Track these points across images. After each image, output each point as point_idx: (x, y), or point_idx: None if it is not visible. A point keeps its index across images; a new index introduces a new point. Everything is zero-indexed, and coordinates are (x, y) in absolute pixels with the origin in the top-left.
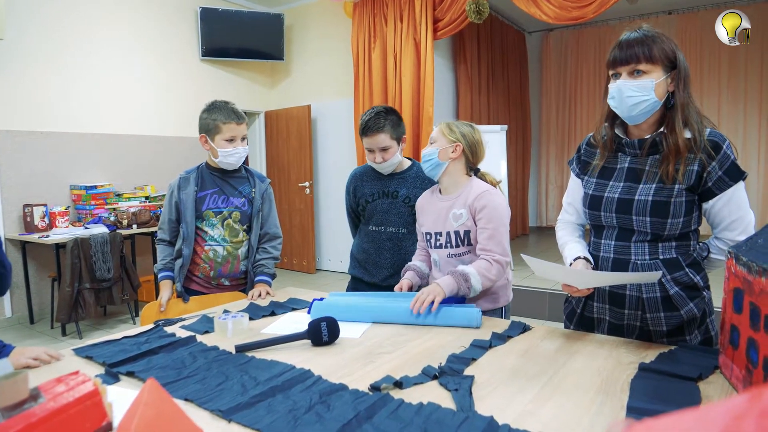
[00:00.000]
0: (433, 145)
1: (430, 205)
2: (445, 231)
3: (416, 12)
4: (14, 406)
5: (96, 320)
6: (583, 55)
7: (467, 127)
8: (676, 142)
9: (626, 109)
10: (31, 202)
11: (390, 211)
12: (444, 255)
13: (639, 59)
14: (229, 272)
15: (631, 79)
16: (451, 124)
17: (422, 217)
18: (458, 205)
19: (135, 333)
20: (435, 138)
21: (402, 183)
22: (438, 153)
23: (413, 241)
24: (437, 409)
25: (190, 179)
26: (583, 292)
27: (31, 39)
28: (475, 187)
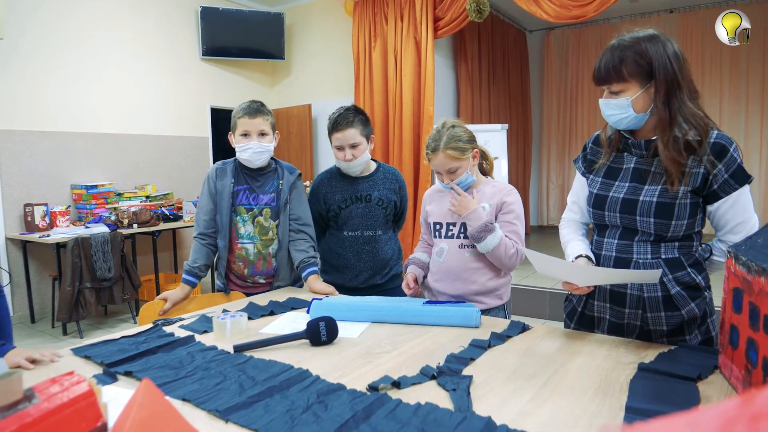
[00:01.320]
0: (459, 171)
1: (441, 197)
2: (460, 222)
3: (417, 11)
4: (8, 406)
5: (97, 319)
6: (584, 54)
7: (460, 129)
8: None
9: (612, 124)
10: (32, 202)
11: (366, 215)
12: (455, 245)
13: (609, 81)
14: (262, 270)
15: (609, 97)
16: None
17: (430, 207)
18: (479, 198)
19: (133, 333)
20: (456, 166)
21: (373, 186)
22: (467, 174)
23: (387, 241)
24: (435, 409)
25: (227, 170)
26: (584, 290)
27: (31, 38)
28: (499, 184)
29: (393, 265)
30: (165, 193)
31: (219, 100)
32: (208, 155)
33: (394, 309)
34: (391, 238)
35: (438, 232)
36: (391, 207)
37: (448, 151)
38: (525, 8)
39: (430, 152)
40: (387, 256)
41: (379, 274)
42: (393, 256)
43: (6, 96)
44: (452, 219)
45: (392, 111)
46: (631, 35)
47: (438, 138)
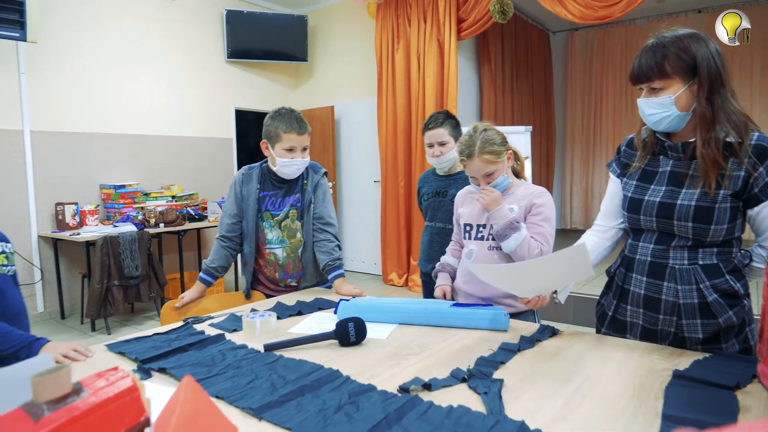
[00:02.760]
0: (495, 174)
1: (472, 199)
2: (489, 224)
3: (440, 12)
4: (58, 399)
5: (124, 316)
6: (609, 55)
7: (492, 132)
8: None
9: (651, 124)
10: (63, 201)
11: (439, 208)
12: (484, 247)
13: (651, 78)
14: (292, 273)
15: (650, 96)
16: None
17: (462, 208)
18: (509, 201)
19: (165, 330)
20: (492, 170)
21: (453, 183)
22: (504, 177)
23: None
24: (467, 412)
25: (253, 176)
26: (534, 302)
27: (63, 42)
28: (531, 187)
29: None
30: (190, 194)
31: (243, 102)
32: (232, 156)
33: (422, 311)
34: None
35: (468, 233)
36: None
37: (484, 156)
38: (549, 9)
39: (465, 158)
40: None
41: None
42: None
43: (39, 98)
44: (483, 221)
45: (415, 113)
46: (671, 33)
47: (472, 144)
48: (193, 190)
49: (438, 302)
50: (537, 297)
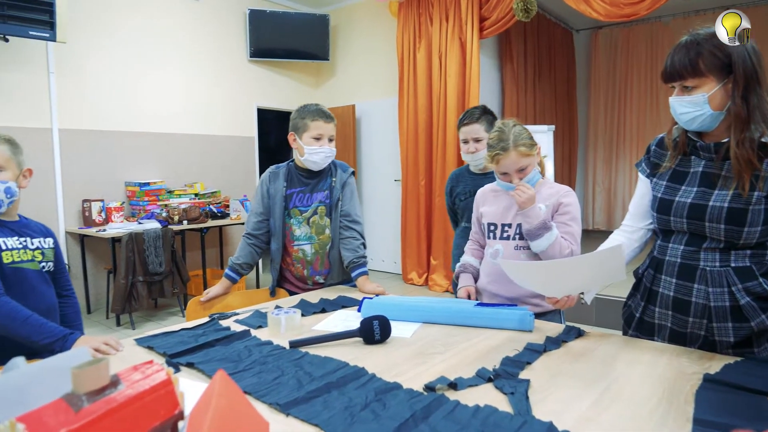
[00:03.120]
0: (528, 169)
1: (495, 198)
2: (515, 223)
3: (462, 11)
4: (97, 391)
5: (148, 312)
6: (633, 54)
7: (521, 128)
8: (742, 157)
9: (684, 123)
10: (90, 198)
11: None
12: (511, 247)
13: (684, 76)
14: (320, 269)
15: (682, 94)
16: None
17: (484, 207)
18: (537, 200)
19: (192, 325)
20: (526, 163)
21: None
22: (535, 171)
23: None
24: (494, 412)
25: (280, 174)
26: (562, 302)
27: (90, 43)
28: (556, 185)
29: None
30: (213, 191)
31: (265, 101)
32: (254, 155)
33: (446, 310)
34: None
35: (492, 233)
36: None
37: (519, 148)
38: (574, 7)
39: (501, 152)
40: None
41: None
42: None
43: (66, 97)
44: (507, 220)
45: (436, 112)
46: (705, 30)
47: (504, 138)
48: (216, 188)
49: (462, 302)
50: (566, 297)
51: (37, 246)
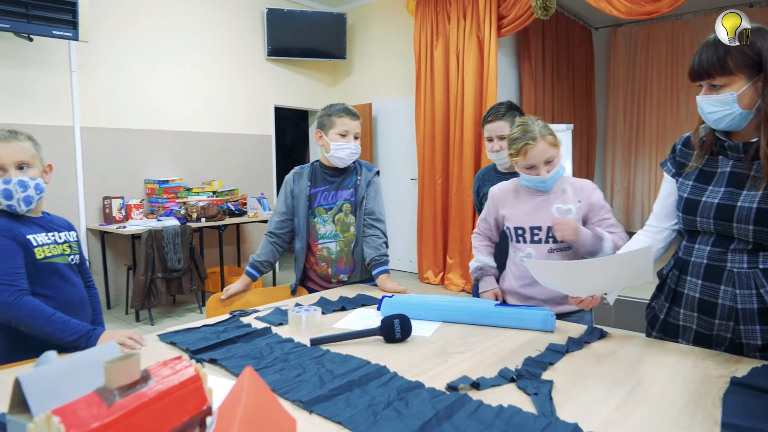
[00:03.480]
0: (556, 161)
1: (516, 198)
2: (546, 225)
3: (480, 9)
4: (128, 386)
5: (166, 308)
6: (653, 52)
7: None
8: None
9: (711, 123)
10: (110, 195)
11: None
12: (544, 250)
13: (712, 74)
14: (345, 268)
15: (710, 93)
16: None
17: (506, 210)
18: (562, 200)
19: (214, 322)
20: (554, 154)
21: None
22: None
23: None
24: (518, 413)
25: (304, 174)
26: (587, 302)
27: (111, 42)
28: (576, 181)
29: None
30: (230, 189)
31: (282, 100)
32: (272, 153)
33: (466, 309)
34: None
35: (521, 237)
36: None
37: (547, 137)
38: (593, 4)
39: (530, 141)
40: None
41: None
42: None
43: (88, 95)
44: (535, 222)
45: (453, 110)
46: None
47: (531, 129)
48: (234, 186)
49: (482, 301)
50: (590, 297)
51: (65, 240)
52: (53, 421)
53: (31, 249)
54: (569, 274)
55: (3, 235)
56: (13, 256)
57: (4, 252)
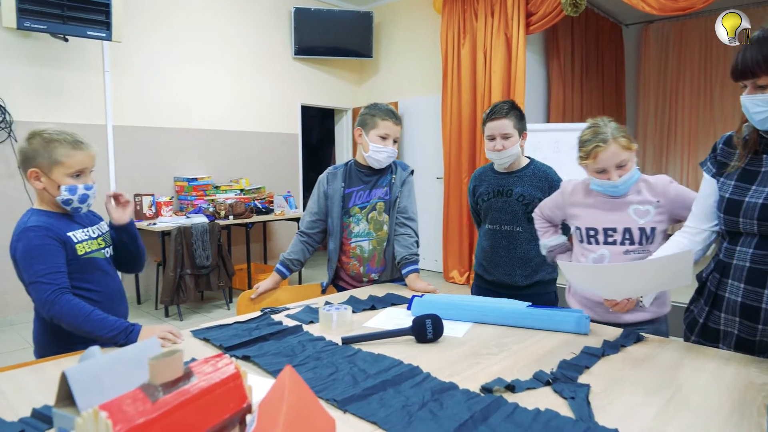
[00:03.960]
0: (629, 165)
1: (589, 198)
2: (621, 227)
3: (508, 6)
4: (172, 382)
5: (194, 304)
6: (686, 49)
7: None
8: None
9: (757, 123)
10: (141, 192)
11: (503, 210)
12: (619, 252)
13: (757, 73)
14: (377, 267)
15: (756, 92)
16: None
17: (576, 209)
18: (639, 200)
19: (245, 319)
20: (627, 158)
21: (517, 181)
22: (636, 169)
23: (529, 239)
24: (556, 417)
25: (338, 174)
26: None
27: (141, 42)
28: (650, 179)
29: (536, 266)
30: (258, 187)
31: (308, 98)
32: (298, 151)
33: (497, 310)
34: (537, 238)
35: (593, 238)
36: (535, 205)
37: (620, 140)
38: (626, 1)
39: (601, 144)
40: (527, 255)
41: (518, 274)
42: (536, 257)
43: (120, 94)
44: (610, 224)
45: (480, 109)
46: None
47: (603, 132)
48: (260, 184)
49: (514, 302)
50: (625, 300)
51: (98, 233)
52: (101, 416)
53: (73, 245)
54: (604, 277)
55: (46, 235)
56: (54, 255)
57: (47, 251)
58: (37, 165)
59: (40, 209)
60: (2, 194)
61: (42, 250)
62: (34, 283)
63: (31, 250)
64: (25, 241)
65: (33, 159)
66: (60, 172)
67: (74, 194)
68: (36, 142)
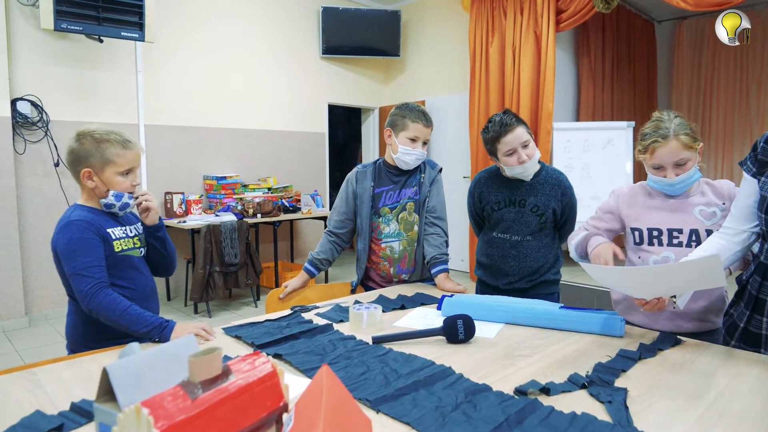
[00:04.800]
0: (689, 164)
1: (651, 198)
2: (688, 228)
3: (537, 4)
4: (211, 380)
5: (223, 301)
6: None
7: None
8: None
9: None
10: (171, 191)
11: (517, 220)
12: (685, 253)
13: None
14: (407, 267)
15: None
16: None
17: (635, 209)
18: (705, 201)
19: (276, 317)
20: (688, 156)
21: (530, 190)
22: (696, 169)
23: (539, 248)
24: (593, 421)
25: (367, 173)
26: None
27: (172, 42)
28: (715, 183)
29: (544, 272)
30: (285, 186)
31: (335, 97)
32: (325, 150)
33: (529, 311)
34: (546, 246)
35: (656, 239)
36: (549, 214)
37: (681, 137)
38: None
39: (659, 140)
40: (536, 264)
41: (524, 279)
42: (545, 264)
43: (152, 94)
44: (676, 224)
45: (508, 107)
46: None
47: (664, 127)
48: (288, 183)
49: (546, 303)
50: (656, 300)
51: (135, 233)
52: (143, 412)
53: (111, 242)
54: (630, 279)
55: (88, 229)
56: (95, 249)
57: (88, 245)
58: (90, 164)
59: (84, 205)
60: (40, 192)
61: (83, 244)
62: (75, 275)
63: (73, 243)
64: (68, 234)
65: (85, 159)
66: (111, 171)
67: (119, 201)
68: (87, 142)
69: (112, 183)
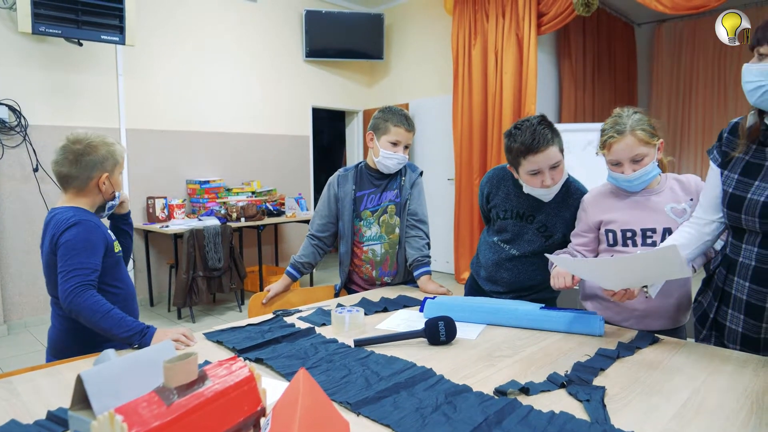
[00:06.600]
0: (645, 160)
1: (620, 200)
2: (661, 227)
3: (519, 7)
4: (187, 386)
5: (207, 306)
6: (699, 48)
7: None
8: None
9: (747, 94)
10: (154, 195)
11: (520, 234)
12: None
13: (761, 41)
14: (389, 270)
15: (756, 62)
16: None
17: (608, 214)
18: (674, 198)
19: (258, 321)
20: (644, 152)
21: (543, 206)
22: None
23: (538, 266)
24: (571, 420)
25: (349, 177)
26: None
27: (154, 46)
28: (683, 178)
29: (537, 290)
30: (269, 189)
31: (319, 101)
32: (309, 153)
33: (510, 312)
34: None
35: (631, 240)
36: (557, 238)
37: (638, 132)
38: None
39: (616, 135)
40: (530, 282)
41: (513, 294)
42: (540, 284)
43: (133, 98)
44: (649, 224)
45: (491, 110)
46: None
47: (621, 122)
48: (272, 186)
49: (528, 304)
50: (623, 291)
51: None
52: (116, 419)
53: (111, 243)
54: (595, 270)
55: (95, 231)
56: (95, 251)
57: (90, 246)
58: (106, 168)
59: (80, 208)
60: (18, 198)
61: (87, 245)
62: (66, 272)
63: (77, 242)
64: (75, 232)
65: (101, 164)
66: (118, 172)
67: (116, 201)
68: (102, 147)
69: (118, 184)
